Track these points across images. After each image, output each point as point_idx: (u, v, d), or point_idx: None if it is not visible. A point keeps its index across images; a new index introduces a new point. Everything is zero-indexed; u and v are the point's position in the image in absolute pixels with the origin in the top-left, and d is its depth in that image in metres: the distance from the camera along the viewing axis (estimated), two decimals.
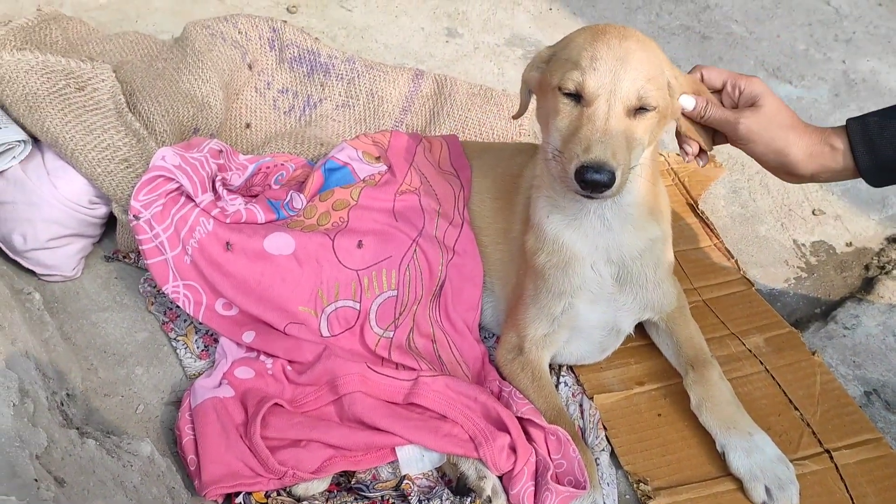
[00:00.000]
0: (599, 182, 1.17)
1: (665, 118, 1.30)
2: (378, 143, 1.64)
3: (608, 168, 1.17)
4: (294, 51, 2.00)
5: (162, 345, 1.54)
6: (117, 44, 1.96)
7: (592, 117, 1.20)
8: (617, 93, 1.20)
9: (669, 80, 1.28)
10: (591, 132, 1.19)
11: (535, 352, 1.44)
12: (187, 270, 1.48)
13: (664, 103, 1.26)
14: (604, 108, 1.20)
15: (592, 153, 1.17)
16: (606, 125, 1.19)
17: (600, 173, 1.16)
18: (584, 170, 1.17)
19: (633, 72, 1.21)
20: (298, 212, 1.55)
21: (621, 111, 1.21)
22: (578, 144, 1.19)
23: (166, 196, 1.48)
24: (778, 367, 1.56)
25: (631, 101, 1.21)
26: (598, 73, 1.21)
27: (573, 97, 1.23)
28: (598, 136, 1.18)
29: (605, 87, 1.20)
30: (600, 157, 1.17)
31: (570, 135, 1.23)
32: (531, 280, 1.42)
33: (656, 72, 1.25)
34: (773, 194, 2.01)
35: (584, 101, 1.22)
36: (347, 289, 1.48)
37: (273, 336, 1.45)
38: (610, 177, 1.17)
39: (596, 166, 1.16)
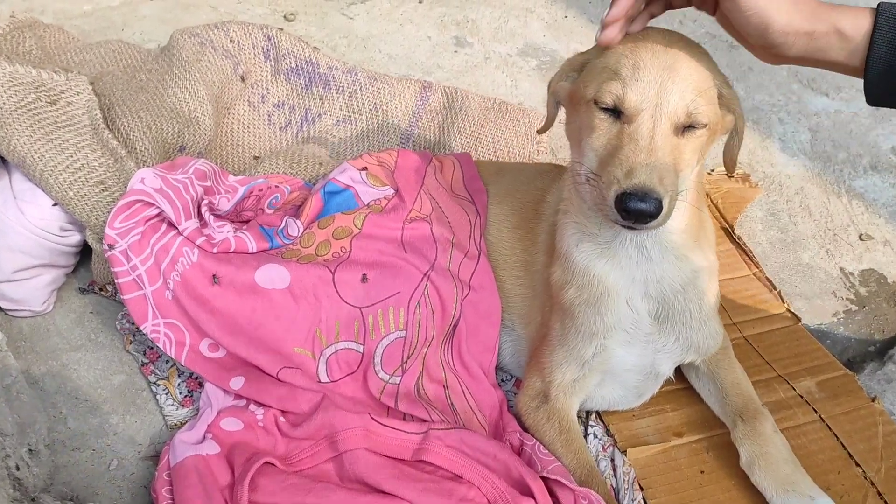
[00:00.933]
0: (645, 212, 1.00)
1: (715, 134, 1.13)
2: (384, 164, 1.48)
3: (655, 195, 1.00)
4: (291, 61, 1.84)
5: (140, 389, 1.37)
6: (98, 53, 1.80)
7: (635, 135, 1.04)
8: (663, 107, 1.03)
9: (720, 89, 1.12)
10: (633, 153, 1.02)
11: (562, 399, 1.27)
12: (168, 307, 1.31)
13: (715, 118, 1.09)
14: (648, 125, 1.04)
15: (636, 178, 1.00)
16: (652, 145, 1.03)
17: (646, 202, 1.00)
18: (626, 197, 1.00)
19: (683, 83, 1.04)
20: (294, 240, 1.38)
21: (668, 129, 1.04)
22: (619, 167, 1.03)
23: (145, 223, 1.32)
24: (834, 415, 1.39)
25: (679, 118, 1.05)
26: (642, 84, 1.04)
27: (612, 112, 1.07)
28: (643, 158, 1.02)
29: (650, 100, 1.04)
30: (646, 183, 1.00)
31: (608, 155, 1.06)
32: (558, 318, 1.25)
33: (707, 83, 1.08)
34: (816, 217, 1.84)
35: (625, 117, 1.06)
36: (349, 329, 1.31)
37: (265, 382, 1.27)
38: (657, 206, 1.00)
39: (641, 193, 1.00)
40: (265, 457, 1.17)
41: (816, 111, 2.14)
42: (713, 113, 1.08)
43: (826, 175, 1.95)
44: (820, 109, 2.15)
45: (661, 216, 1.02)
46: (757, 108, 2.14)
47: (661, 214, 1.02)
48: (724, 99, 1.12)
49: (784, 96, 2.19)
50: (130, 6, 2.30)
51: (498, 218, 1.44)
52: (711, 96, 1.09)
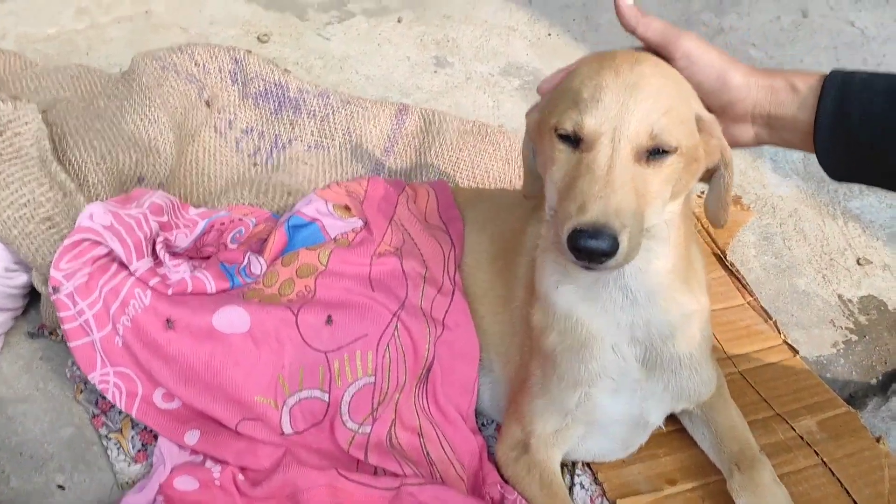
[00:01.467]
0: (595, 250, 0.90)
1: (697, 162, 1.03)
2: (352, 194, 1.39)
3: (608, 231, 0.90)
4: (259, 84, 1.75)
5: (91, 443, 1.27)
6: (55, 79, 1.72)
7: (592, 165, 0.94)
8: (623, 130, 0.94)
9: (699, 113, 1.03)
10: (588, 185, 0.92)
11: (543, 451, 1.17)
12: (118, 354, 1.21)
13: (690, 142, 0.99)
14: (606, 153, 0.94)
15: (588, 213, 0.90)
16: (609, 175, 0.93)
17: (598, 238, 0.89)
18: (576, 234, 0.90)
19: (647, 101, 0.95)
20: (257, 279, 1.29)
21: (628, 154, 0.94)
22: (573, 201, 0.93)
23: (93, 263, 1.22)
24: (837, 458, 1.29)
25: (641, 140, 0.94)
26: (601, 105, 0.94)
27: (571, 140, 0.98)
28: (597, 190, 0.92)
29: (609, 122, 0.94)
30: (598, 218, 0.90)
31: (565, 188, 0.96)
32: (538, 364, 1.15)
33: (677, 102, 0.98)
34: (811, 240, 1.76)
35: (584, 145, 0.96)
36: (314, 375, 1.21)
37: (222, 436, 1.18)
38: (610, 243, 0.90)
39: (591, 230, 0.90)
40: None
41: None
42: (686, 135, 0.98)
43: (820, 196, 1.87)
44: None
45: (618, 254, 0.92)
46: None
47: (620, 252, 0.92)
48: (704, 124, 1.03)
49: None
50: (96, 29, 2.21)
51: (475, 248, 1.35)
52: (684, 117, 0.99)
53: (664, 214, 1.02)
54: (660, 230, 1.01)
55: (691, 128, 1.00)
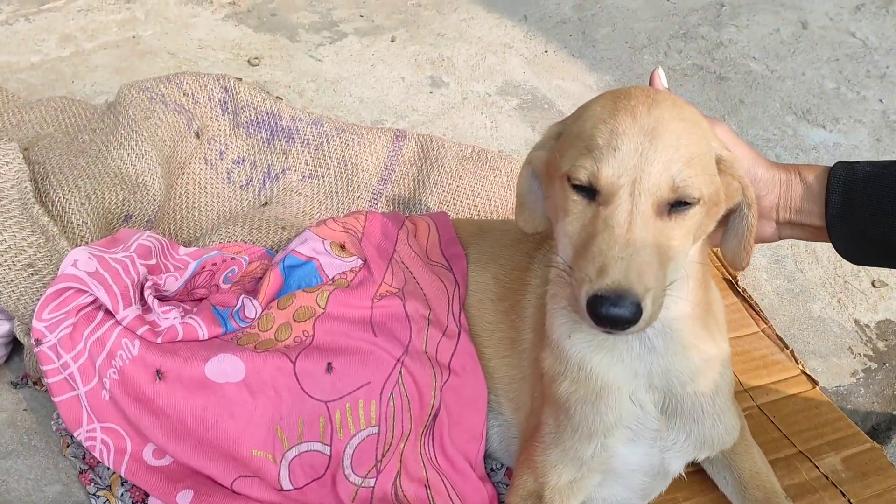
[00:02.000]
0: (619, 318, 0.84)
1: (717, 206, 0.97)
2: (350, 230, 1.32)
3: (631, 298, 0.84)
4: (251, 113, 1.69)
5: (78, 502, 1.20)
6: (38, 113, 1.65)
7: (610, 221, 0.87)
8: (644, 182, 0.87)
9: (719, 153, 0.97)
10: (608, 244, 0.86)
11: (557, 502, 1.11)
12: (105, 409, 1.14)
13: (711, 189, 0.93)
14: (626, 208, 0.87)
15: (609, 277, 0.84)
16: (630, 233, 0.86)
17: (620, 306, 0.84)
18: (597, 301, 0.84)
19: (668, 150, 0.88)
20: (251, 323, 1.23)
21: (650, 210, 0.88)
22: (591, 262, 0.87)
23: (77, 313, 1.16)
24: (864, 499, 1.24)
25: (663, 194, 0.88)
26: (620, 154, 0.88)
27: (586, 191, 0.91)
28: (617, 252, 0.85)
29: (628, 174, 0.87)
30: (621, 284, 0.84)
31: (581, 245, 0.90)
32: (551, 412, 1.09)
33: (700, 147, 0.92)
34: (823, 263, 1.70)
35: (601, 198, 0.90)
36: (314, 427, 1.14)
37: (217, 496, 1.11)
38: (633, 311, 0.84)
39: (614, 297, 0.84)
40: None
41: (814, 145, 2.02)
42: (709, 183, 0.92)
43: None
44: (818, 143, 2.02)
45: (641, 321, 0.86)
46: (752, 143, 2.00)
47: (644, 318, 0.86)
48: (725, 164, 0.97)
49: (779, 130, 2.07)
50: (81, 56, 2.15)
51: (479, 287, 1.29)
52: (706, 162, 0.93)
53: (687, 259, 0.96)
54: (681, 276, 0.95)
55: (712, 173, 0.94)
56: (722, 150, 0.98)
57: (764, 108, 2.13)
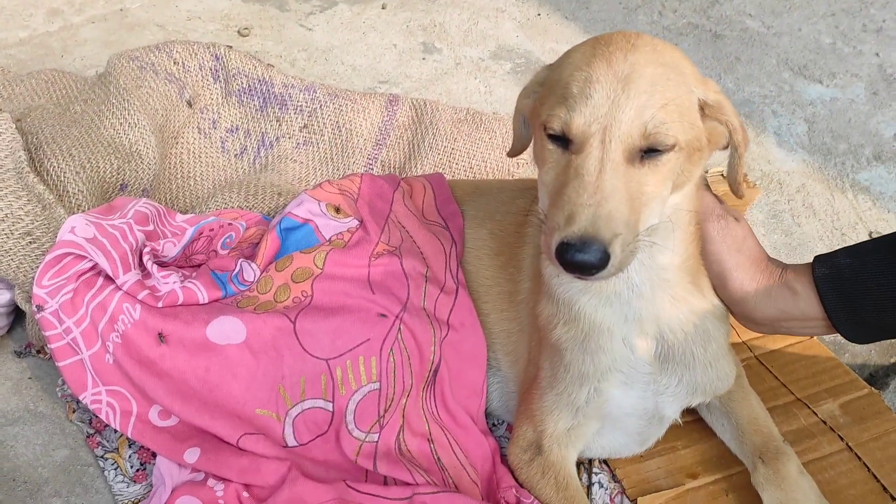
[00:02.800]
0: (585, 264, 0.85)
1: (701, 151, 0.96)
2: (346, 192, 1.33)
3: (597, 245, 0.85)
4: (242, 81, 1.68)
5: (86, 465, 1.21)
6: (28, 85, 1.65)
7: (580, 170, 0.87)
8: (614, 130, 0.87)
9: (704, 97, 0.95)
10: (576, 192, 0.87)
11: (557, 451, 1.12)
12: (110, 372, 1.15)
13: (690, 135, 0.92)
14: (596, 156, 0.87)
15: (575, 224, 0.85)
16: (599, 181, 0.87)
17: (586, 252, 0.84)
18: (564, 248, 0.85)
19: (641, 96, 0.87)
20: (250, 286, 1.23)
21: (620, 157, 0.88)
22: (561, 210, 0.87)
23: (78, 279, 1.16)
24: (862, 442, 1.25)
25: (634, 141, 0.88)
26: (592, 102, 0.88)
27: (560, 140, 0.91)
28: (585, 199, 0.86)
29: (599, 122, 0.87)
30: (586, 231, 0.85)
31: (555, 193, 0.91)
32: (547, 358, 1.10)
33: (678, 93, 0.91)
34: (820, 216, 1.70)
35: (574, 146, 0.90)
36: (316, 384, 1.15)
37: (223, 453, 1.12)
38: (600, 256, 0.85)
39: (579, 244, 0.84)
40: None
41: (811, 100, 2.01)
42: (687, 128, 0.91)
43: (827, 169, 1.81)
44: (815, 98, 2.02)
45: (609, 266, 0.86)
46: (748, 100, 2.01)
47: (610, 264, 0.86)
48: (711, 109, 0.96)
49: (776, 86, 2.06)
50: (70, 30, 2.14)
51: (476, 244, 1.30)
52: (684, 108, 0.92)
53: (666, 210, 0.96)
54: (663, 225, 0.96)
55: (692, 118, 0.93)
56: (708, 93, 0.96)
57: (760, 64, 2.12)
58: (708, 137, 0.97)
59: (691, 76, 0.95)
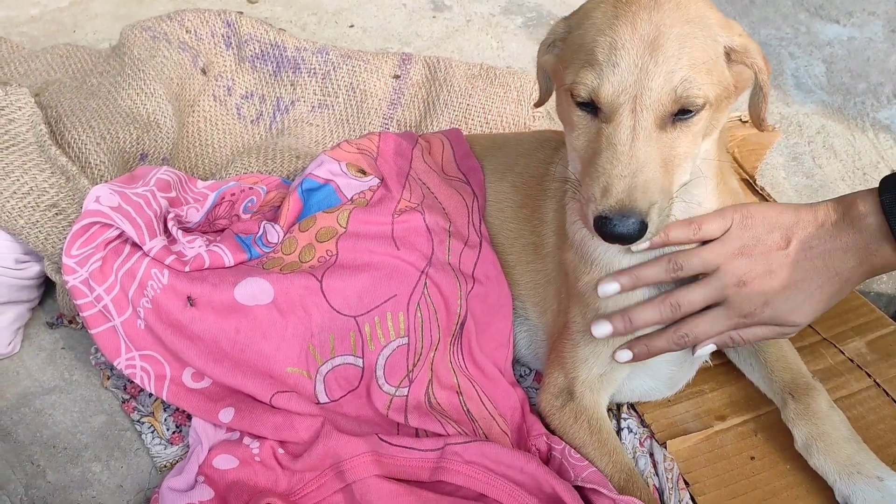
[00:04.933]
0: (624, 236, 0.87)
1: (728, 99, 0.95)
2: (365, 151, 1.33)
3: (635, 217, 0.86)
4: (255, 47, 1.68)
5: (123, 430, 1.24)
6: (44, 60, 1.65)
7: (613, 140, 0.87)
8: (644, 98, 0.86)
9: (730, 44, 0.93)
10: (610, 163, 0.87)
11: (589, 396, 1.14)
12: (142, 337, 1.17)
13: (719, 90, 0.91)
14: (627, 125, 0.87)
15: (612, 197, 0.86)
16: (633, 150, 0.86)
17: (624, 226, 0.86)
18: (602, 221, 0.87)
19: (670, 61, 0.86)
20: (275, 247, 1.24)
21: (651, 126, 0.87)
22: (596, 182, 0.88)
23: (106, 247, 1.18)
24: (890, 378, 1.25)
25: (665, 108, 0.87)
26: (620, 70, 0.86)
27: (589, 107, 0.91)
28: (620, 170, 0.86)
29: (629, 90, 0.86)
30: (624, 203, 0.85)
31: (588, 161, 0.91)
32: (579, 310, 1.11)
33: (706, 50, 0.89)
34: (842, 157, 1.69)
35: (603, 115, 0.89)
36: (345, 341, 1.17)
37: (257, 411, 1.14)
38: (638, 228, 0.86)
39: (618, 217, 0.86)
40: (265, 498, 1.04)
41: (829, 40, 1.98)
42: (716, 84, 0.90)
43: (847, 110, 1.79)
44: (832, 38, 1.98)
45: (648, 233, 0.88)
46: (764, 43, 1.98)
47: (649, 231, 0.88)
48: (737, 54, 0.94)
49: (792, 28, 2.02)
50: (81, 5, 2.13)
51: (498, 197, 1.30)
52: (711, 63, 0.90)
53: (696, 163, 0.96)
54: (695, 180, 0.96)
55: (720, 72, 0.92)
56: (733, 38, 0.94)
57: (776, 6, 2.08)
58: (735, 83, 0.96)
59: (716, 25, 0.93)
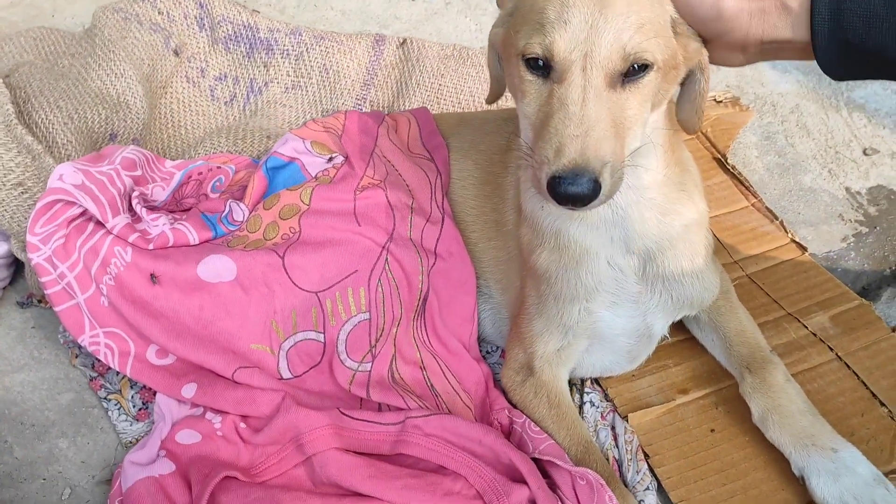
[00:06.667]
0: (578, 196, 0.85)
1: (676, 69, 0.95)
2: (330, 129, 1.33)
3: (588, 175, 0.85)
4: (228, 28, 1.68)
5: (91, 407, 1.25)
6: (17, 43, 1.65)
7: (565, 99, 0.87)
8: (594, 55, 0.86)
9: (673, 15, 0.94)
10: (562, 123, 0.86)
11: (548, 371, 1.14)
12: (105, 314, 1.18)
13: (667, 53, 0.91)
14: (579, 83, 0.86)
15: (565, 157, 0.85)
16: (584, 110, 0.86)
17: (578, 184, 0.85)
18: (555, 182, 0.85)
19: (618, 18, 0.86)
20: (240, 226, 1.25)
21: (602, 84, 0.87)
22: (549, 143, 0.87)
23: (69, 225, 1.18)
24: (852, 351, 1.26)
25: (615, 66, 0.87)
26: (571, 28, 0.86)
27: (541, 70, 0.90)
28: (572, 130, 0.85)
29: (579, 48, 0.86)
30: (577, 163, 0.84)
31: (540, 125, 0.90)
32: (533, 284, 1.11)
33: (653, 11, 0.90)
34: (815, 136, 1.69)
35: (555, 75, 0.89)
36: (307, 317, 1.18)
37: (219, 387, 1.15)
38: (592, 187, 0.85)
39: (571, 176, 0.85)
40: (224, 471, 1.05)
41: None
42: (663, 47, 0.90)
43: (822, 89, 1.79)
44: None
45: (601, 195, 0.87)
46: None
47: (604, 192, 0.87)
48: (681, 26, 0.94)
49: None
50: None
51: (462, 174, 1.30)
52: (659, 27, 0.91)
53: (647, 130, 0.96)
54: (645, 147, 0.96)
55: (667, 36, 0.92)
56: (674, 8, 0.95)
57: None
58: (683, 55, 0.96)
59: None
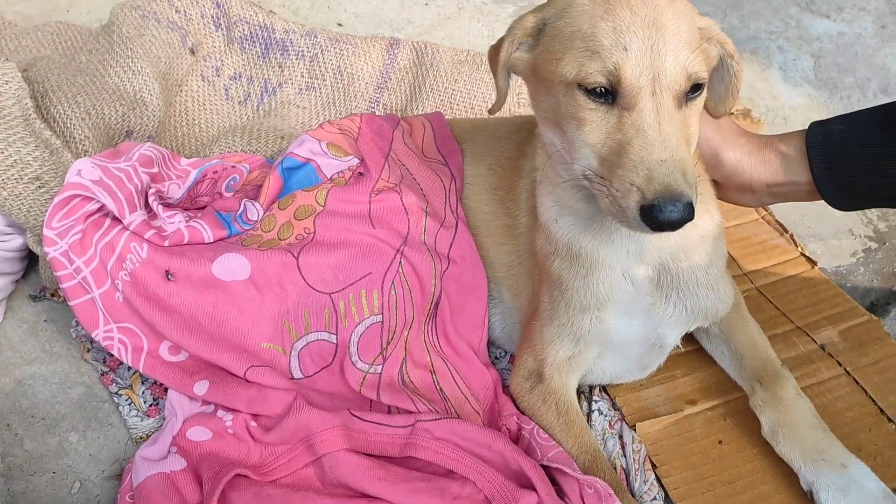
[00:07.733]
0: (679, 221, 0.84)
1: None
2: (346, 131, 1.34)
3: (684, 199, 0.83)
4: (244, 28, 1.69)
5: (102, 401, 1.26)
6: (35, 38, 1.66)
7: (641, 126, 0.86)
8: (662, 79, 0.86)
9: (698, 24, 0.95)
10: (646, 150, 0.85)
11: (558, 378, 1.15)
12: (120, 310, 1.19)
13: (708, 65, 0.93)
14: (651, 108, 0.86)
15: (657, 182, 0.83)
16: (662, 134, 0.85)
17: (677, 210, 0.83)
18: (655, 210, 0.83)
19: (674, 40, 0.86)
20: (254, 225, 1.25)
21: (672, 105, 0.87)
22: (634, 171, 0.85)
23: (86, 220, 1.19)
24: (861, 367, 1.26)
25: (681, 86, 0.87)
26: (633, 53, 0.85)
27: (603, 96, 0.89)
28: (658, 154, 0.84)
29: (646, 74, 0.86)
30: (671, 187, 0.83)
31: (613, 154, 0.88)
32: (546, 290, 1.12)
33: (692, 27, 0.91)
34: None
35: (623, 101, 0.88)
36: (320, 317, 1.18)
37: (231, 385, 1.16)
38: (690, 209, 0.84)
39: (669, 202, 0.83)
40: (235, 469, 1.06)
41: (818, 35, 1.99)
42: (706, 59, 0.93)
43: (833, 103, 1.80)
44: (822, 33, 1.99)
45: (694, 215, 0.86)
46: (754, 37, 1.98)
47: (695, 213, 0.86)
48: (703, 31, 0.96)
49: (782, 22, 2.03)
50: None
51: (475, 179, 1.31)
52: (697, 38, 0.93)
53: None
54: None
55: (705, 48, 0.94)
56: (699, 18, 0.97)
57: (767, 1, 2.09)
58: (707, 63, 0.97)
59: (687, 6, 0.96)
